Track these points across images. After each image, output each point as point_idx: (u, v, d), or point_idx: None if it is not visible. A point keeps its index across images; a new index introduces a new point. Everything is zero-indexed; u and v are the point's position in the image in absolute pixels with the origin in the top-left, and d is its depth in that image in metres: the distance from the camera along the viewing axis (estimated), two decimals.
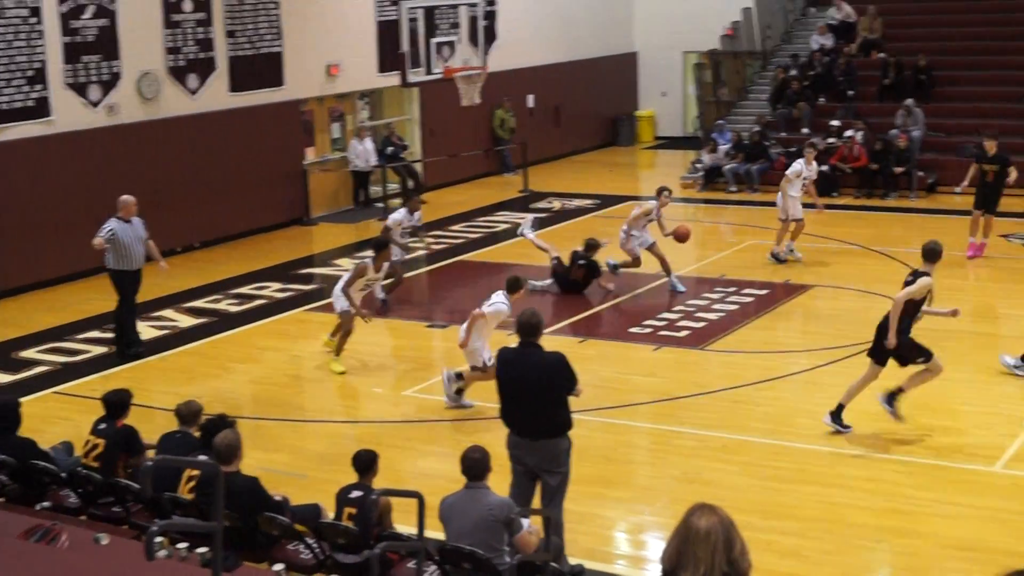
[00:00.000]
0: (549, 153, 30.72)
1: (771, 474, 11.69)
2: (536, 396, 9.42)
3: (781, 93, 28.38)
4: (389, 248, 15.67)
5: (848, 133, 25.76)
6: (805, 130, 27.17)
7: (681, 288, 18.04)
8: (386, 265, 15.60)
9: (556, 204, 25.52)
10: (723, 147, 27.00)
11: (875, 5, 29.53)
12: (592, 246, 18.33)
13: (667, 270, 18.14)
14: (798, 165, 19.72)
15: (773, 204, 20.16)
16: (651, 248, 18.19)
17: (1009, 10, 29.02)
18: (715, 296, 17.81)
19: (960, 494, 10.44)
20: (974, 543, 10.07)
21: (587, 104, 32.46)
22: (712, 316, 16.84)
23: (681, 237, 18.29)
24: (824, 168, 25.24)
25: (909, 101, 26.19)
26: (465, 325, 13.33)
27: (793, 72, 28.62)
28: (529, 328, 9.50)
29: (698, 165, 27.47)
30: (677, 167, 29.17)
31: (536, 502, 9.55)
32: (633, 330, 16.44)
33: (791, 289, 17.91)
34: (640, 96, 34.64)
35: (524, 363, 9.48)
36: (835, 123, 26.45)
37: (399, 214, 18.29)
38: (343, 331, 15.18)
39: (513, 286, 13.42)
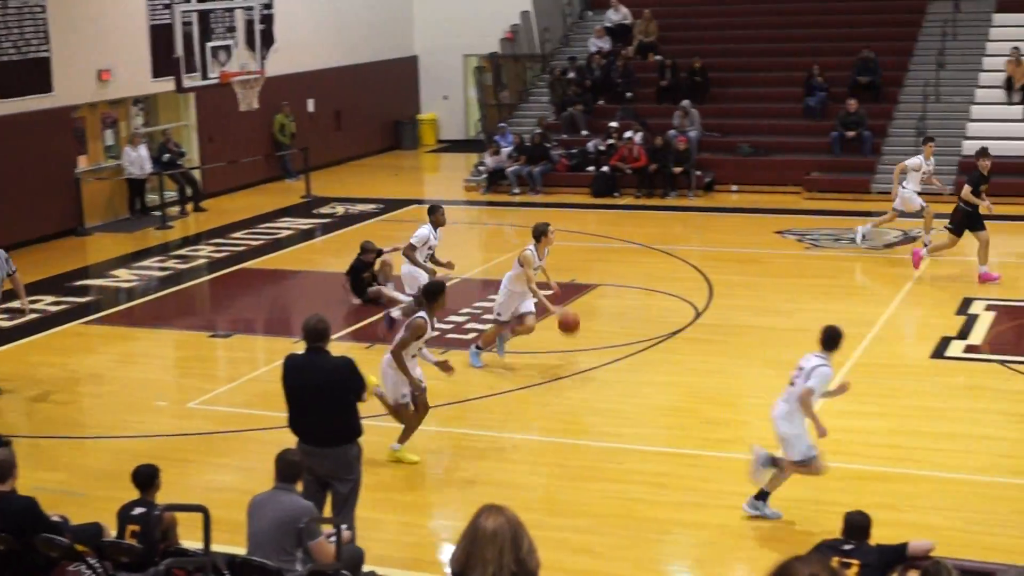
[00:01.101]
0: (331, 158, 30.43)
1: (561, 472, 11.76)
2: (324, 402, 9.27)
3: (561, 95, 28.74)
4: (444, 294, 11.97)
5: (627, 134, 26.22)
6: (585, 132, 27.59)
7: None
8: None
9: (339, 209, 25.28)
10: (505, 149, 27.17)
11: (650, 8, 30.18)
12: (368, 250, 17.98)
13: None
14: (917, 159, 19.84)
15: (555, 206, 20.37)
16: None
17: (780, 13, 30.05)
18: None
19: (746, 484, 10.66)
20: (763, 532, 10.31)
21: (368, 108, 32.27)
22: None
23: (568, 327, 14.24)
24: (604, 169, 25.71)
25: (685, 102, 26.82)
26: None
27: (571, 75, 29.00)
28: (315, 333, 9.34)
29: (481, 168, 27.58)
30: (460, 170, 29.25)
31: (329, 511, 9.39)
32: None
33: (576, 289, 18.10)
34: (422, 99, 34.61)
35: (311, 369, 9.33)
36: (614, 125, 26.89)
37: (425, 230, 15.62)
38: (406, 426, 12.05)
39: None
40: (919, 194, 19.68)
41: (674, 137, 25.86)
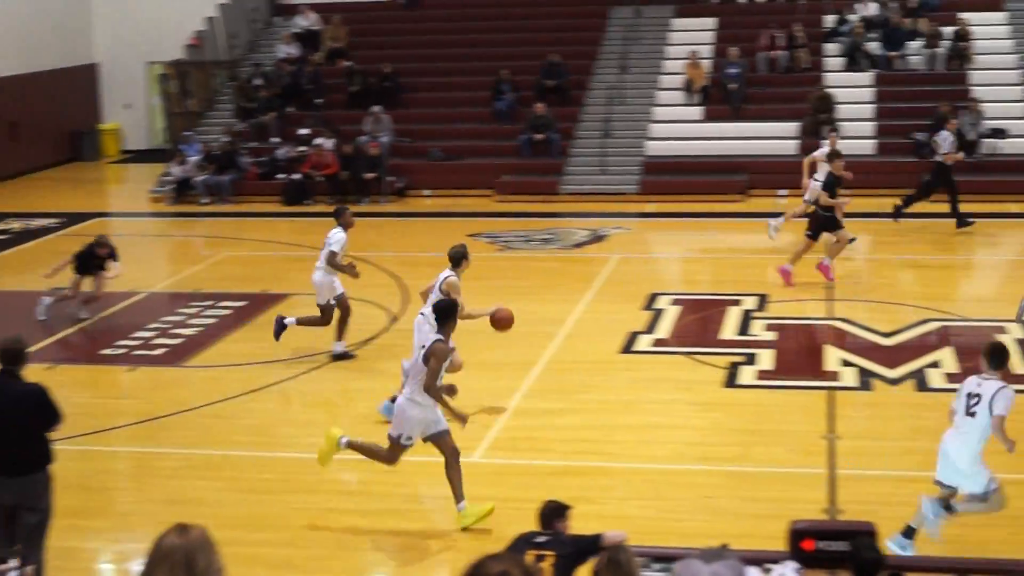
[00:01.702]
0: (6, 171, 28.95)
1: (257, 487, 11.46)
2: (11, 430, 8.74)
3: (248, 102, 28.19)
4: (457, 311, 11.04)
5: (317, 141, 25.94)
6: (275, 139, 27.15)
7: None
8: None
9: (16, 225, 24.02)
10: (192, 159, 26.42)
11: (340, 14, 29.99)
12: (102, 244, 17.00)
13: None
14: (824, 150, 19.06)
15: (246, 215, 19.88)
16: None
17: (469, 19, 30.36)
18: (191, 311, 17.33)
19: (444, 487, 10.60)
20: (463, 534, 10.28)
21: (46, 118, 30.83)
22: (189, 331, 16.37)
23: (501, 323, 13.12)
24: (296, 176, 25.36)
25: (376, 108, 26.75)
26: None
27: (259, 81, 28.49)
28: (9, 355, 8.83)
29: (167, 178, 26.73)
30: (146, 181, 28.26)
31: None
32: (105, 352, 15.68)
33: (268, 299, 17.73)
34: (103, 108, 33.33)
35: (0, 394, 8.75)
36: (304, 131, 26.58)
37: (340, 234, 14.89)
38: (451, 481, 10.43)
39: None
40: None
41: (366, 143, 25.75)
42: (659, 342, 15.51)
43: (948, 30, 27.43)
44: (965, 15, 27.76)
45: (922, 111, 25.34)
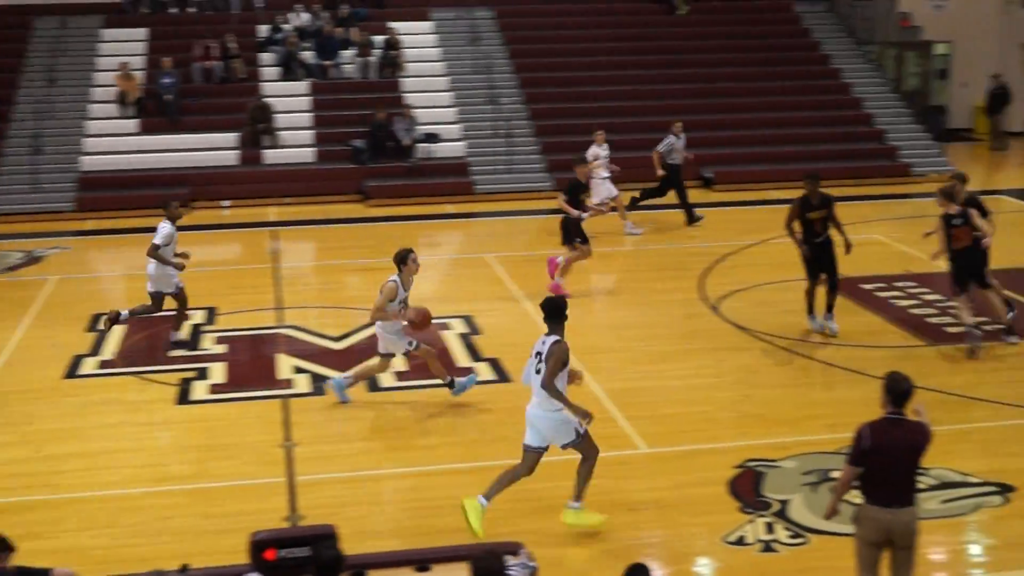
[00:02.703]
0: None
1: None
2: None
3: None
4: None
5: None
6: None
7: None
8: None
9: None
10: None
11: None
12: None
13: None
14: (593, 149, 20.99)
15: None
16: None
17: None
18: None
19: None
20: None
21: None
22: None
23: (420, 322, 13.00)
24: None
25: None
26: None
27: None
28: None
29: None
30: None
31: None
32: None
33: None
34: None
35: None
36: None
37: (167, 227, 15.01)
38: (581, 477, 10.19)
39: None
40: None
41: None
42: (105, 364, 14.86)
43: (379, 39, 28.31)
44: (394, 24, 28.80)
45: (358, 119, 26.00)
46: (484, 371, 14.18)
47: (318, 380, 13.99)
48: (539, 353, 9.84)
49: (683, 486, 11.13)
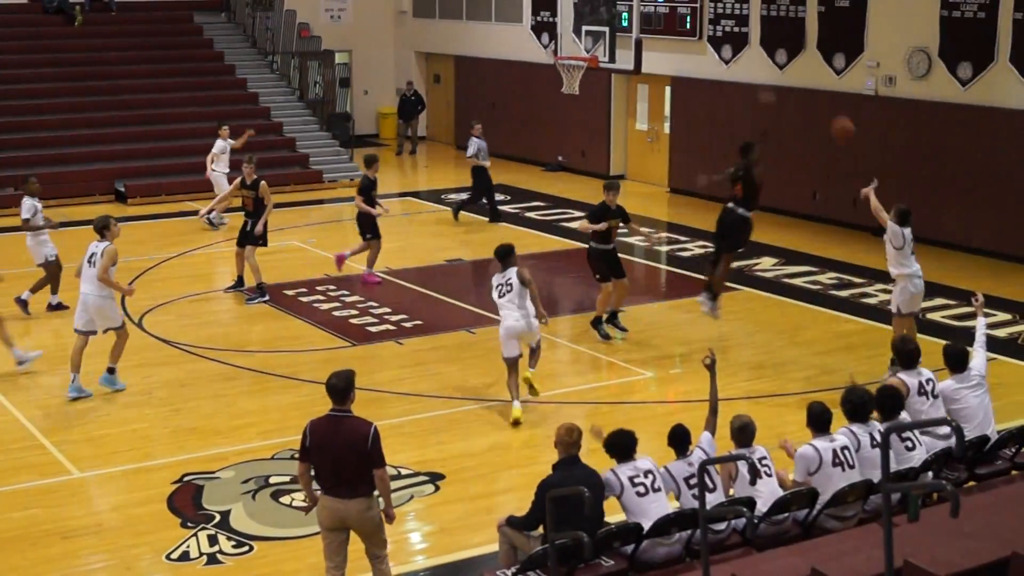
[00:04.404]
0: None
1: None
2: None
3: None
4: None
5: None
6: None
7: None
8: None
9: None
10: None
11: None
12: None
13: None
14: (220, 143, 22.40)
15: None
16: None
17: None
18: None
19: None
20: None
21: None
22: None
23: None
24: None
25: None
26: None
27: None
28: None
29: None
30: None
31: None
32: None
33: None
34: None
35: None
36: None
37: (29, 202, 16.52)
38: None
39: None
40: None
41: None
42: None
43: None
44: None
45: None
46: None
47: None
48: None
49: (122, 507, 10.85)
